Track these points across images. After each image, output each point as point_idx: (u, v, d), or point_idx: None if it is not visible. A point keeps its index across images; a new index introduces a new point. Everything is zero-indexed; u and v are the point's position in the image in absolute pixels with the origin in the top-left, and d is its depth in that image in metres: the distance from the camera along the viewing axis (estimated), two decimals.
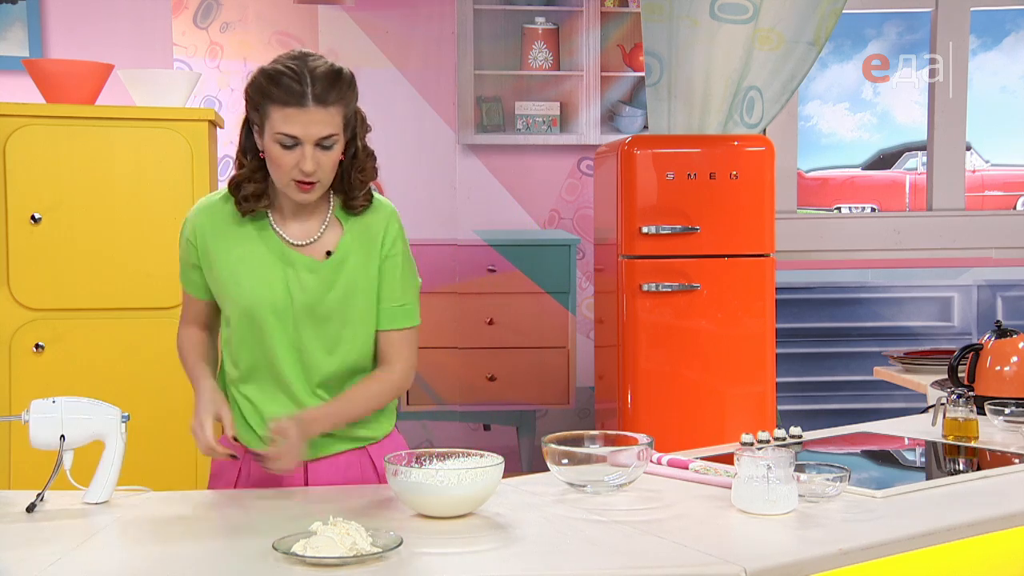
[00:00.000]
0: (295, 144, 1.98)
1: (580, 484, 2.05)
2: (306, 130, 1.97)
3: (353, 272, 2.10)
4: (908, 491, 2.02)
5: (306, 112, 1.96)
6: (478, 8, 4.83)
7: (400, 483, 1.85)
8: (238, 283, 2.10)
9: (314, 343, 2.10)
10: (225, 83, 4.59)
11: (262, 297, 2.08)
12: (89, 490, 2.00)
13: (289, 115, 1.96)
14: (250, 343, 2.13)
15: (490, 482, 1.86)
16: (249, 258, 2.10)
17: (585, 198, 4.90)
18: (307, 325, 2.10)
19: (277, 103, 1.97)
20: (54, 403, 1.98)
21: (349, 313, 2.10)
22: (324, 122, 1.98)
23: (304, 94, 1.96)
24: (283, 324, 2.09)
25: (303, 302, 2.08)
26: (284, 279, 2.09)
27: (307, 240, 2.11)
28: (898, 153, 7.30)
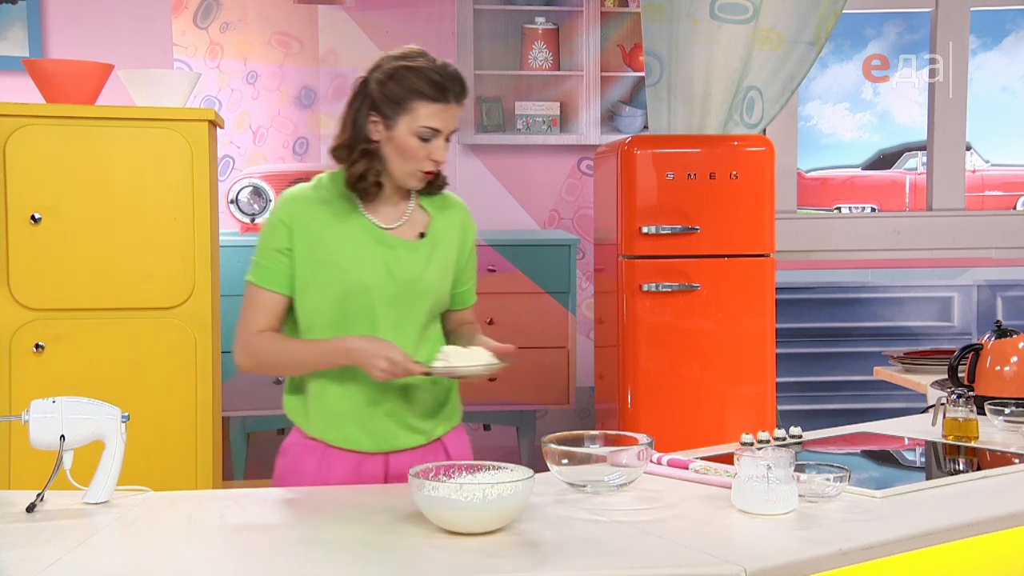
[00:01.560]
0: (432, 136, 2.16)
1: (580, 484, 2.04)
2: (447, 124, 2.18)
3: (444, 253, 2.28)
4: (908, 491, 2.02)
5: (449, 108, 2.17)
6: (478, 8, 4.83)
7: (424, 498, 1.78)
8: (341, 265, 2.19)
9: (413, 319, 2.22)
10: (225, 83, 4.59)
11: (365, 276, 2.19)
12: (89, 490, 2.00)
13: (435, 111, 2.15)
14: (345, 329, 2.19)
15: (519, 497, 1.78)
16: (349, 241, 2.21)
17: (585, 198, 4.90)
18: (407, 301, 2.21)
19: (426, 99, 2.14)
20: (54, 403, 1.99)
21: (440, 290, 2.27)
22: (457, 117, 2.20)
23: (449, 91, 2.16)
24: (385, 301, 2.20)
25: (405, 278, 2.21)
26: (383, 259, 2.21)
27: (397, 223, 2.25)
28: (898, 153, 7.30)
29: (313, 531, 1.82)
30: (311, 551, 1.73)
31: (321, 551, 1.73)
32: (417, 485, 1.79)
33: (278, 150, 4.66)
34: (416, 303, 2.22)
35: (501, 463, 1.92)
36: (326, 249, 2.19)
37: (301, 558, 1.70)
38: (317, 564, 1.67)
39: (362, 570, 1.66)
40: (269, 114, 4.64)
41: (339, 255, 2.19)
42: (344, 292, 2.18)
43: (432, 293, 2.24)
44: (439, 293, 2.26)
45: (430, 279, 2.24)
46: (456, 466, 1.90)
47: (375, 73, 2.19)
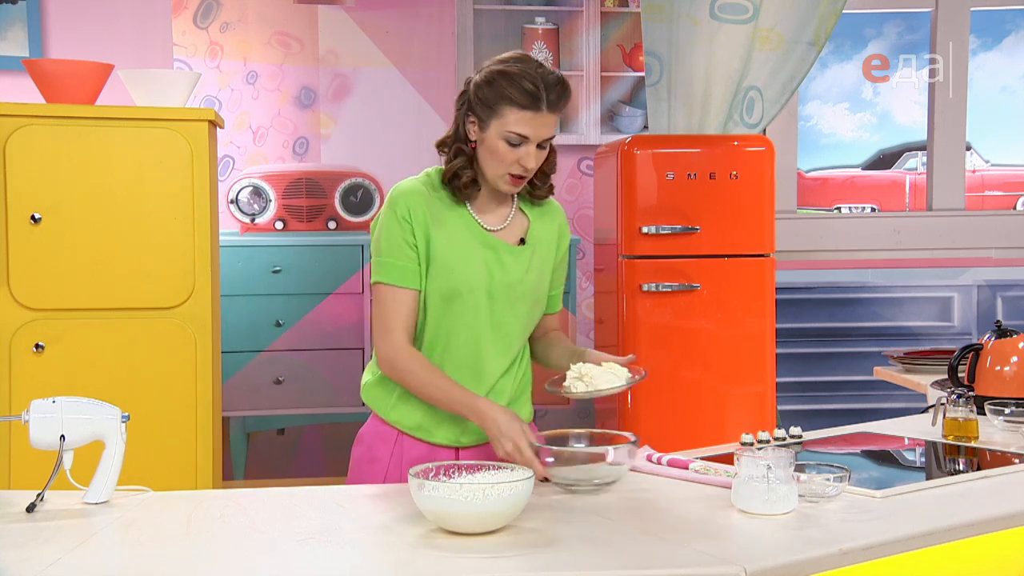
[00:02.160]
0: (521, 143, 2.17)
1: (568, 483, 2.04)
2: (536, 132, 2.18)
3: (542, 259, 2.33)
4: (908, 491, 2.02)
5: (540, 116, 2.18)
6: (478, 8, 4.83)
7: (424, 498, 1.78)
8: (448, 264, 2.22)
9: (511, 322, 2.27)
10: (225, 83, 4.59)
11: (469, 277, 2.22)
12: (89, 490, 2.00)
13: (525, 118, 2.16)
14: (447, 327, 2.23)
15: (519, 498, 1.78)
16: (456, 239, 2.24)
17: (585, 198, 4.90)
18: (506, 304, 2.25)
19: (515, 105, 2.16)
20: (54, 403, 1.99)
21: (537, 294, 2.32)
22: (550, 125, 2.21)
23: (542, 99, 2.17)
24: (486, 303, 2.23)
25: (504, 282, 2.25)
26: (485, 261, 2.24)
27: (500, 226, 2.30)
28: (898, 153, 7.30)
29: (313, 531, 1.82)
30: (311, 551, 1.73)
31: (321, 551, 1.73)
32: (417, 485, 1.79)
33: (278, 150, 4.66)
34: (515, 307, 2.27)
35: (501, 463, 1.92)
36: (437, 245, 2.22)
37: (301, 558, 1.70)
38: (317, 564, 1.67)
39: (362, 570, 1.66)
40: (269, 114, 4.64)
41: (448, 253, 2.22)
42: (448, 291, 2.22)
43: (530, 297, 2.29)
44: (537, 298, 2.31)
45: (529, 284, 2.28)
46: (456, 466, 1.90)
47: (476, 75, 2.23)
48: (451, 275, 2.22)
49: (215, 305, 3.44)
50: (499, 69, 2.19)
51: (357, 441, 2.35)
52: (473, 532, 1.76)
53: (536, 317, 2.35)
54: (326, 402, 4.52)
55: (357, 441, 2.35)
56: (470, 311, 2.23)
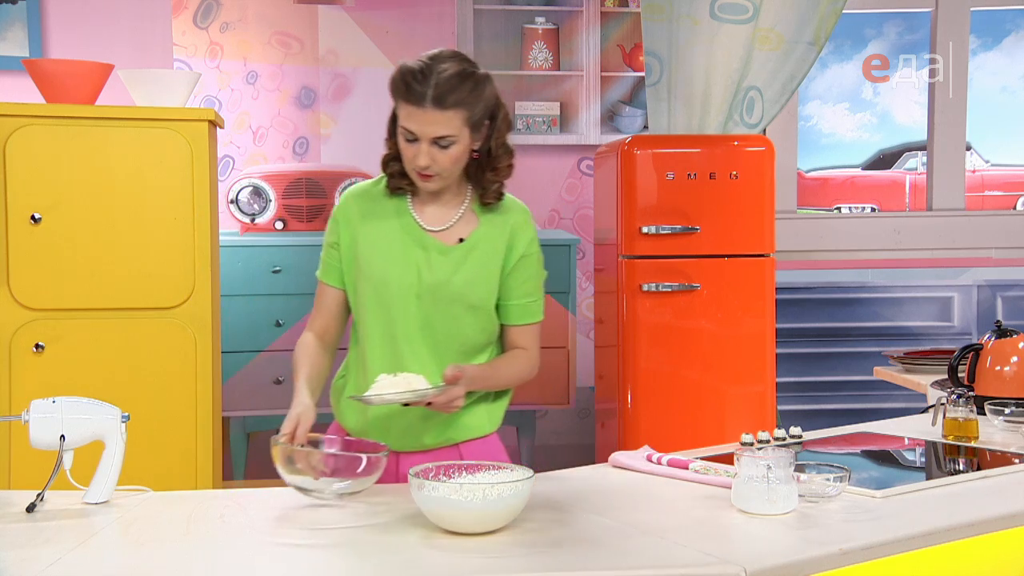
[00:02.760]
0: (415, 139, 2.12)
1: (308, 489, 1.97)
2: (422, 128, 2.10)
3: (482, 260, 2.22)
4: (908, 491, 2.02)
5: (425, 112, 2.09)
6: (478, 8, 4.83)
7: (424, 498, 1.78)
8: (373, 261, 2.21)
9: (439, 324, 2.20)
10: (225, 83, 4.59)
11: (393, 275, 2.19)
12: (89, 490, 2.00)
13: (410, 113, 2.10)
14: (379, 324, 2.21)
15: (519, 498, 1.78)
16: (386, 237, 2.21)
17: (585, 198, 4.90)
18: (433, 305, 2.19)
19: (402, 99, 2.11)
20: (54, 403, 1.99)
21: (472, 298, 2.21)
22: (440, 123, 2.09)
23: (424, 95, 2.08)
24: (411, 303, 2.19)
25: (431, 282, 2.19)
26: (415, 261, 2.20)
27: (442, 226, 2.23)
28: (898, 153, 7.30)
29: (313, 531, 1.82)
30: (311, 551, 1.73)
31: (321, 551, 1.73)
32: (417, 485, 1.79)
33: (278, 150, 4.66)
34: (445, 310, 2.20)
35: (501, 463, 1.92)
36: (365, 243, 2.22)
37: (301, 558, 1.70)
38: (317, 564, 1.67)
39: (362, 570, 1.66)
40: (269, 114, 4.64)
41: (375, 251, 2.21)
42: (375, 288, 2.21)
43: (462, 302, 2.19)
44: (474, 303, 2.21)
45: (457, 286, 2.19)
46: (456, 466, 1.90)
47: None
48: (377, 271, 2.20)
49: (215, 305, 3.44)
50: (402, 63, 2.14)
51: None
52: (473, 532, 1.76)
53: (485, 325, 2.24)
54: (326, 402, 4.50)
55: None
56: (399, 311, 2.19)
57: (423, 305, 2.19)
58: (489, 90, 2.17)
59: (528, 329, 2.29)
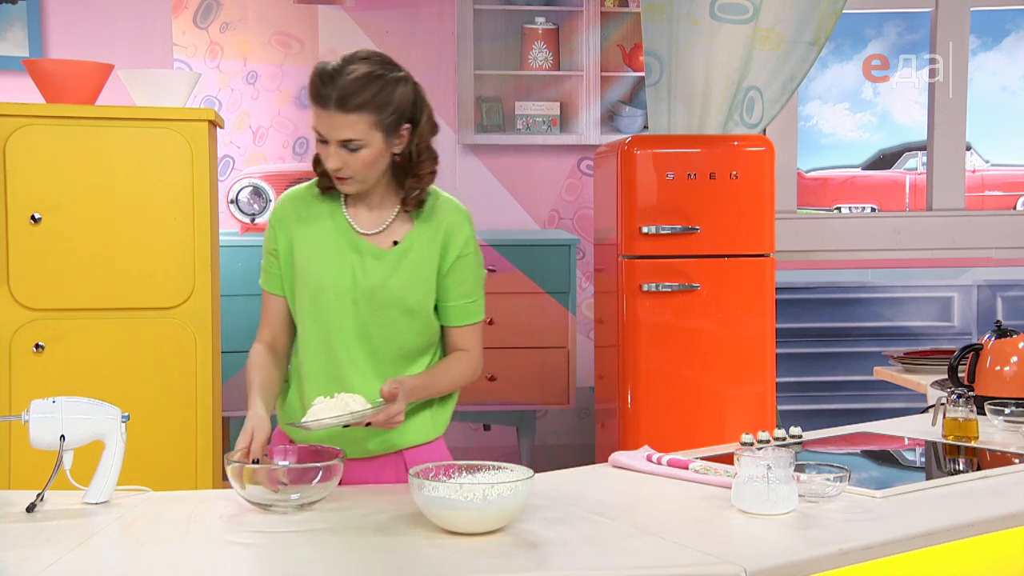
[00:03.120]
0: (325, 141, 2.09)
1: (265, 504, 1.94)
2: (328, 131, 2.07)
3: (416, 262, 2.17)
4: (908, 491, 2.02)
5: (328, 115, 2.06)
6: (478, 8, 4.83)
7: (424, 498, 1.78)
8: (308, 265, 2.18)
9: (376, 329, 2.17)
10: (225, 83, 4.59)
11: (329, 280, 2.16)
12: (89, 490, 2.00)
13: (318, 114, 2.08)
14: (315, 330, 2.18)
15: (519, 498, 1.78)
16: (320, 241, 2.18)
17: (585, 198, 4.90)
18: (369, 310, 2.16)
19: (312, 100, 2.08)
20: (54, 403, 1.98)
21: (408, 301, 2.17)
22: (344, 126, 2.05)
23: (328, 97, 2.05)
24: (347, 308, 2.16)
25: (366, 286, 2.15)
26: (350, 264, 2.16)
27: (375, 229, 2.19)
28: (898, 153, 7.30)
29: (313, 531, 1.82)
30: (311, 551, 1.73)
31: (321, 551, 1.73)
32: (417, 485, 1.79)
33: (278, 150, 4.66)
34: (380, 315, 2.15)
35: (501, 463, 1.92)
36: (301, 248, 2.19)
37: (301, 558, 1.70)
38: (317, 564, 1.67)
39: (362, 570, 1.66)
40: (269, 114, 4.64)
41: (310, 255, 2.18)
42: (311, 294, 2.17)
43: (397, 306, 2.15)
44: (408, 304, 2.16)
45: (392, 290, 2.15)
46: (456, 466, 1.90)
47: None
48: (312, 277, 2.16)
49: (215, 305, 3.44)
50: (319, 63, 2.10)
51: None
52: (473, 532, 1.76)
53: (423, 329, 2.20)
54: None
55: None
56: (335, 316, 2.15)
57: (359, 310, 2.15)
58: (402, 92, 2.11)
59: (469, 330, 2.26)
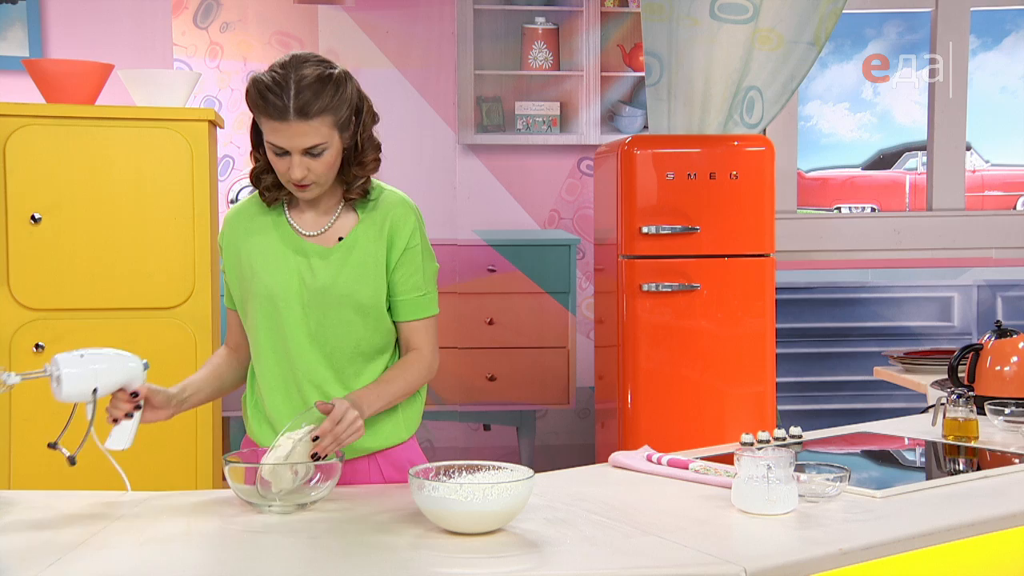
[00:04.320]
0: (285, 153, 2.04)
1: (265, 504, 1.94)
2: (291, 142, 2.02)
3: (362, 257, 2.14)
4: (908, 491, 2.02)
5: (289, 126, 2.00)
6: (478, 8, 4.83)
7: (424, 498, 1.78)
8: (256, 275, 2.15)
9: (329, 331, 2.14)
10: (225, 83, 4.59)
11: (277, 286, 2.13)
12: (112, 437, 2.00)
13: (275, 128, 2.01)
14: (270, 339, 2.16)
15: (519, 498, 1.78)
16: (265, 250, 2.16)
17: (585, 198, 4.90)
18: (320, 311, 2.13)
19: (264, 116, 2.02)
20: (83, 356, 1.96)
21: (359, 297, 2.13)
22: (308, 134, 2.01)
23: (286, 108, 1.99)
24: (297, 313, 2.13)
25: (315, 288, 2.12)
26: (297, 268, 2.13)
27: (319, 230, 2.16)
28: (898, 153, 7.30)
29: (313, 531, 1.82)
30: (311, 551, 1.73)
31: (321, 551, 1.73)
32: (417, 485, 1.79)
33: None
34: (332, 314, 2.12)
35: (501, 463, 1.92)
36: (246, 262, 2.17)
37: (301, 558, 1.70)
38: (317, 564, 1.67)
39: (362, 570, 1.66)
40: None
41: (257, 263, 2.15)
42: (260, 301, 2.14)
43: (349, 303, 2.12)
44: (359, 301, 2.12)
45: (342, 288, 2.11)
46: (456, 466, 1.90)
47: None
48: (260, 284, 2.14)
49: (215, 305, 3.44)
50: (254, 77, 2.03)
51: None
52: (473, 532, 1.76)
53: (377, 326, 2.16)
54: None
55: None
56: (286, 321, 2.12)
57: (310, 313, 2.12)
58: (351, 88, 2.08)
59: (421, 325, 2.20)
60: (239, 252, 2.19)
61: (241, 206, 2.24)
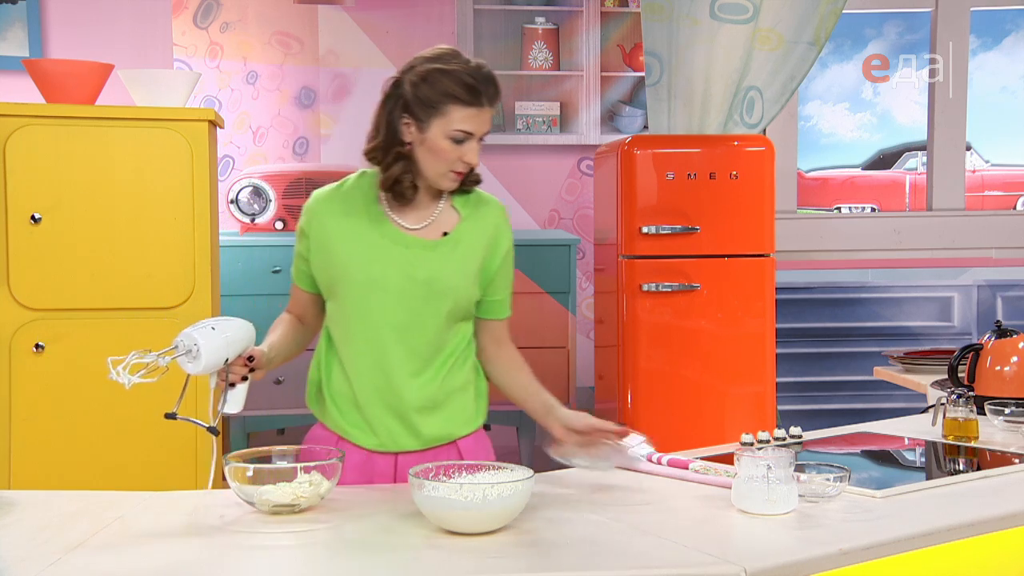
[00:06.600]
0: (465, 139, 2.14)
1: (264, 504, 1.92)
2: (480, 127, 2.15)
3: (466, 254, 2.22)
4: (908, 491, 2.02)
5: (482, 112, 2.14)
6: (478, 8, 4.84)
7: (424, 498, 1.78)
8: (350, 263, 2.19)
9: (427, 322, 2.19)
10: (225, 83, 4.59)
11: (375, 275, 2.17)
12: (228, 402, 2.05)
13: (470, 115, 2.13)
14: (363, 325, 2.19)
15: (519, 498, 1.79)
16: (361, 239, 2.20)
17: (585, 198, 4.90)
18: (418, 302, 2.18)
19: (460, 103, 2.12)
20: (214, 328, 2.00)
21: (460, 291, 2.20)
22: (490, 120, 2.18)
23: (482, 95, 2.13)
24: (393, 301, 2.17)
25: (417, 279, 2.18)
26: (398, 259, 2.19)
27: (421, 224, 2.22)
28: (898, 153, 7.31)
29: (313, 531, 1.82)
30: (311, 551, 1.73)
31: (321, 551, 1.73)
32: (417, 485, 1.79)
33: (278, 150, 4.66)
34: (432, 305, 2.18)
35: (501, 463, 1.92)
36: (337, 249, 2.20)
37: (301, 558, 1.70)
38: (317, 564, 1.67)
39: (362, 570, 1.66)
40: (269, 114, 4.64)
41: (350, 256, 2.19)
42: (356, 290, 2.18)
43: (451, 294, 2.19)
44: (459, 295, 2.20)
45: (448, 279, 2.18)
46: (456, 466, 1.90)
47: (408, 75, 2.17)
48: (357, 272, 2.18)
49: (215, 305, 3.44)
50: (436, 67, 2.13)
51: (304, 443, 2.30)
52: (473, 532, 1.76)
53: (459, 322, 2.24)
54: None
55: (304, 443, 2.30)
56: (378, 309, 2.17)
57: (406, 303, 2.17)
58: None
59: (507, 323, 2.36)
60: (328, 239, 2.22)
61: (327, 194, 2.27)
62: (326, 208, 2.24)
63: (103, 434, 3.23)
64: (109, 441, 3.24)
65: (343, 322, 2.22)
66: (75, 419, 3.25)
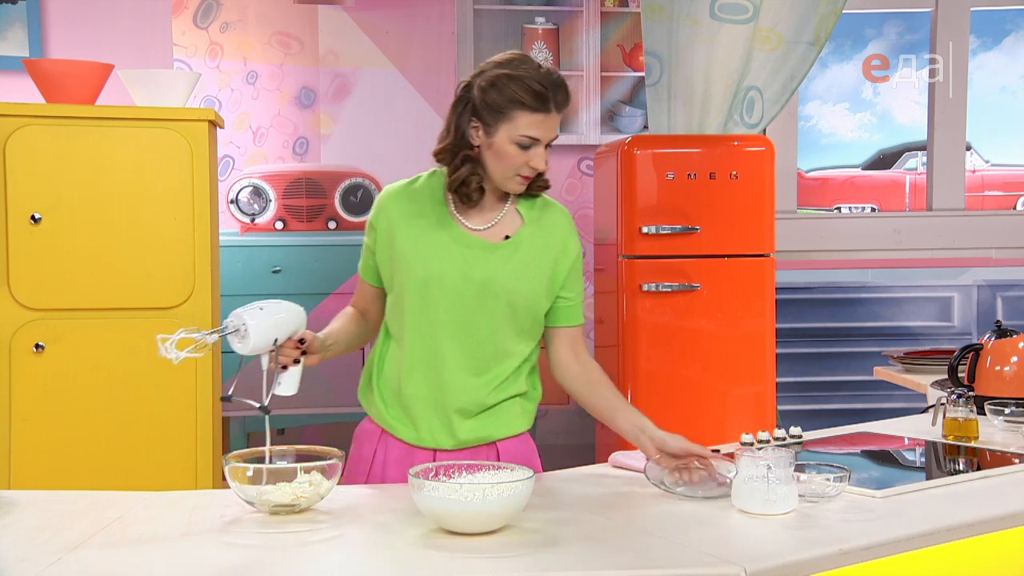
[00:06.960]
0: (531, 144, 2.16)
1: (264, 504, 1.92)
2: (547, 133, 2.18)
3: (527, 258, 2.23)
4: (908, 491, 2.02)
5: (550, 118, 2.18)
6: (478, 8, 4.83)
7: (424, 498, 1.78)
8: (413, 260, 2.21)
9: (477, 322, 2.20)
10: (225, 83, 4.59)
11: (435, 273, 2.19)
12: (281, 384, 2.05)
13: (537, 120, 2.16)
14: (420, 322, 2.21)
15: (519, 498, 1.78)
16: (426, 237, 2.22)
17: (585, 198, 4.90)
18: (475, 303, 2.20)
19: (528, 109, 2.15)
20: (263, 309, 2.00)
21: (516, 294, 2.21)
22: (557, 126, 2.21)
23: (551, 100, 2.17)
24: (451, 301, 2.19)
25: (474, 279, 2.19)
26: (458, 258, 2.21)
27: (485, 225, 2.25)
28: (898, 153, 7.30)
29: (313, 531, 1.82)
30: (311, 551, 1.73)
31: (321, 551, 1.73)
32: (417, 485, 1.79)
33: (278, 150, 4.66)
34: (486, 306, 2.20)
35: (501, 463, 1.92)
36: (402, 245, 2.23)
37: (301, 558, 1.70)
38: (317, 564, 1.67)
39: (362, 570, 1.66)
40: (269, 114, 4.64)
41: (412, 251, 2.21)
42: (416, 287, 2.20)
43: (505, 297, 2.20)
44: (514, 298, 2.21)
45: (504, 281, 2.20)
46: (456, 466, 1.90)
47: (478, 79, 2.19)
48: (418, 269, 2.20)
49: (215, 305, 3.44)
50: (505, 72, 2.16)
51: (353, 438, 2.36)
52: (473, 532, 1.76)
53: (521, 327, 2.24)
54: (326, 402, 4.52)
55: (353, 438, 2.36)
56: (438, 307, 2.20)
57: (464, 303, 2.20)
58: None
59: (580, 330, 2.35)
60: (395, 234, 2.24)
61: (397, 190, 2.30)
62: (394, 204, 2.27)
63: (103, 434, 3.23)
64: (109, 441, 3.24)
65: (400, 316, 2.24)
66: (75, 419, 3.25)
